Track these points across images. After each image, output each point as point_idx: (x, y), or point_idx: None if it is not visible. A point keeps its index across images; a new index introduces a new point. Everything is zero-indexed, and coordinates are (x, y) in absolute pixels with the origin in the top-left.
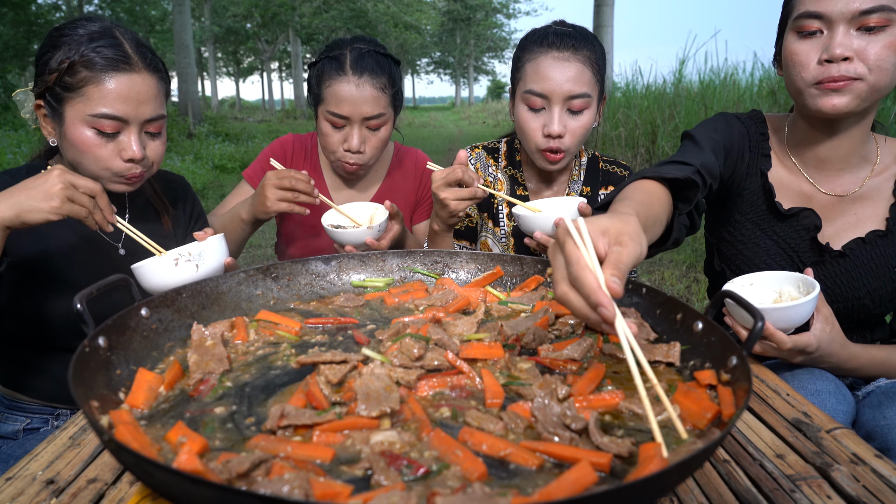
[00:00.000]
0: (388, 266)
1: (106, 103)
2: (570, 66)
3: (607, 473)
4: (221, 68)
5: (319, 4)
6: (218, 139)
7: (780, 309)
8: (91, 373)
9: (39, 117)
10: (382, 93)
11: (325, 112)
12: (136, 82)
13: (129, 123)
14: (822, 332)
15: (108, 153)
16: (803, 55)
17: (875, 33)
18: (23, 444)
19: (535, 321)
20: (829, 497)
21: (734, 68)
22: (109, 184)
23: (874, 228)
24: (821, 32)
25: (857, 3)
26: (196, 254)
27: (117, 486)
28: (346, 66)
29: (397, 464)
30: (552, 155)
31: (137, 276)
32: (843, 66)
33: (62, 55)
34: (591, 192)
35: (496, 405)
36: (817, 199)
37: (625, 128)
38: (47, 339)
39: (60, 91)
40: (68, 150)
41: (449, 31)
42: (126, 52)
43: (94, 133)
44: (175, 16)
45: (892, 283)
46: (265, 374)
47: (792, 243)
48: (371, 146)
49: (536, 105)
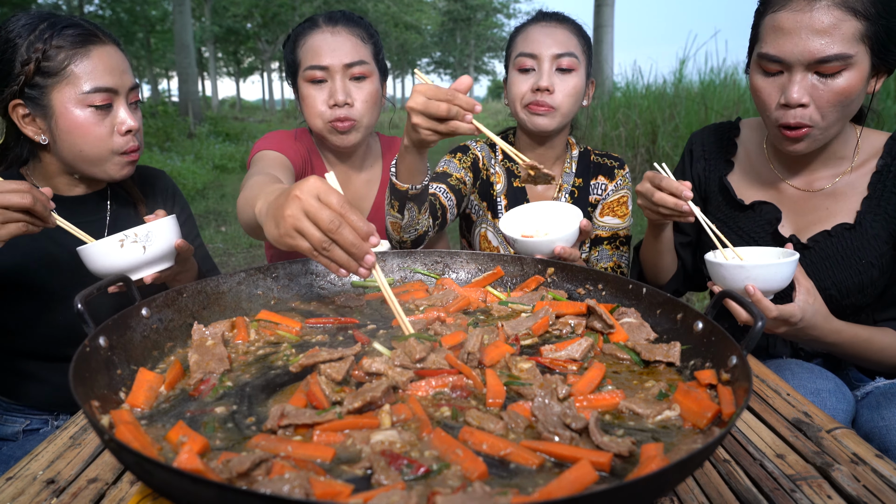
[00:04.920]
0: (389, 266)
1: (94, 77)
2: (557, 31)
3: (607, 473)
4: (222, 68)
5: (320, 4)
6: (218, 139)
7: (762, 267)
8: (92, 372)
9: (17, 120)
10: (361, 42)
11: (305, 72)
12: (111, 53)
13: (119, 94)
14: (806, 304)
15: (105, 131)
16: (765, 94)
17: (832, 77)
18: (23, 444)
19: (536, 321)
20: (830, 497)
21: (734, 68)
22: (112, 167)
23: (843, 222)
24: (780, 73)
25: (813, 52)
26: (143, 235)
27: (118, 486)
28: (320, 21)
29: (398, 463)
30: (536, 107)
31: (84, 258)
32: (798, 112)
33: (29, 46)
34: (582, 183)
35: (497, 405)
36: (789, 195)
37: (625, 128)
38: (38, 350)
39: (41, 80)
40: (65, 140)
41: (449, 31)
42: (88, 29)
43: (91, 111)
44: (175, 16)
45: (858, 275)
46: (265, 374)
47: (755, 236)
48: (359, 100)
49: (526, 66)
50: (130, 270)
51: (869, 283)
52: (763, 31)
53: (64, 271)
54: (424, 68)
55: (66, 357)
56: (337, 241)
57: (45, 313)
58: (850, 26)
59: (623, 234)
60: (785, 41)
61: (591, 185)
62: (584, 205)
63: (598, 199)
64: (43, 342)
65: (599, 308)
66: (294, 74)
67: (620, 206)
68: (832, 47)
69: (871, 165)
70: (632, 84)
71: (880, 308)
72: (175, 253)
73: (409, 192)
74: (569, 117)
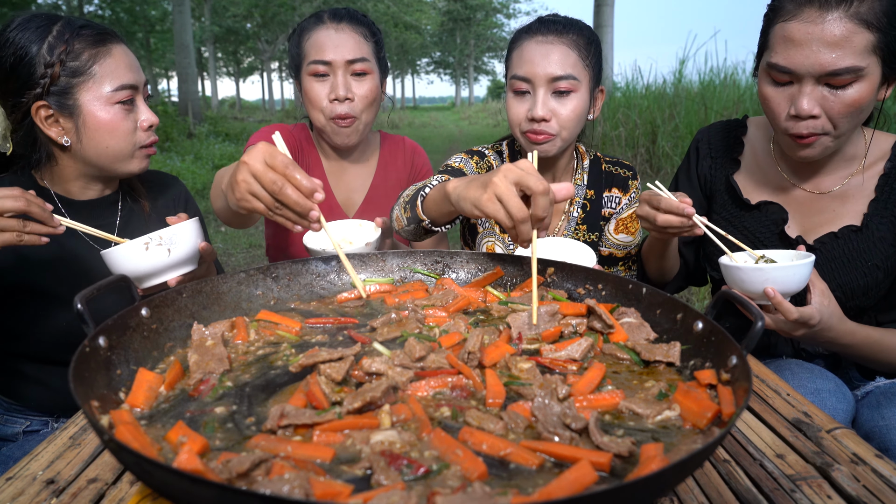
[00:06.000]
0: (389, 266)
1: (118, 75)
2: (555, 48)
3: (607, 473)
4: (221, 68)
5: (319, 4)
6: (218, 139)
7: (781, 268)
8: (91, 373)
9: (40, 123)
10: (364, 40)
11: (308, 66)
12: (126, 51)
13: (138, 90)
14: (822, 305)
15: (130, 127)
16: (775, 104)
17: (842, 89)
18: (23, 445)
19: (547, 328)
20: (830, 497)
21: (734, 68)
22: (133, 161)
23: (850, 224)
24: (790, 83)
25: (824, 65)
26: (167, 238)
27: (118, 486)
28: (325, 17)
29: (397, 463)
30: (534, 136)
31: (108, 262)
32: (809, 123)
33: (48, 50)
34: (594, 196)
35: (496, 405)
36: (795, 196)
37: (625, 128)
38: (39, 353)
39: (68, 79)
40: (92, 138)
41: (449, 31)
42: (102, 28)
43: (118, 108)
44: (175, 16)
45: (864, 277)
46: (265, 374)
47: (760, 236)
48: (359, 96)
49: (521, 89)
50: (155, 274)
51: (874, 286)
52: (773, 39)
53: (65, 274)
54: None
55: (66, 361)
56: (282, 200)
57: (45, 316)
58: (862, 38)
59: (635, 252)
60: (796, 52)
61: (605, 197)
62: (596, 218)
63: (612, 212)
64: (43, 345)
65: (599, 308)
66: (297, 68)
67: (633, 223)
68: (844, 60)
69: (879, 168)
70: (631, 84)
71: (884, 310)
72: (198, 256)
73: (422, 225)
74: (572, 138)
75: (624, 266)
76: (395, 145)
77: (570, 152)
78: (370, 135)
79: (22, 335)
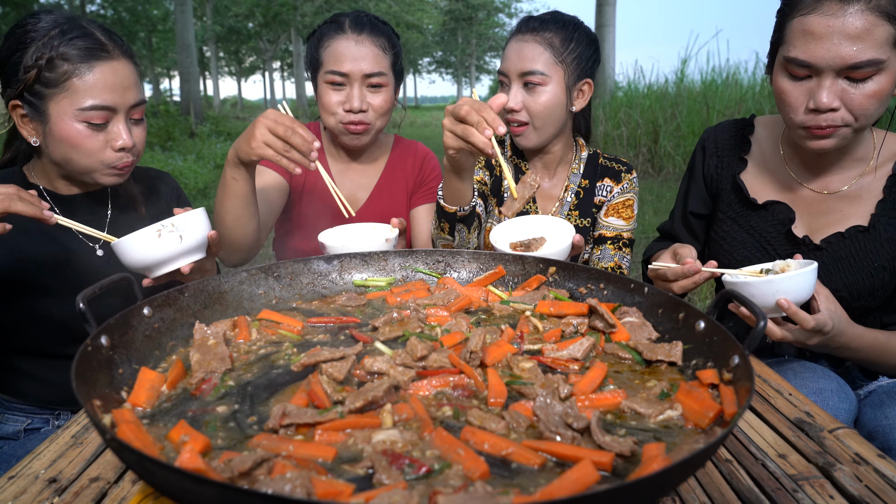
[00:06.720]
0: (391, 265)
1: (93, 94)
2: (528, 45)
3: (609, 472)
4: (223, 68)
5: (321, 4)
6: (220, 138)
7: (789, 278)
8: (93, 372)
9: (16, 119)
10: (382, 52)
11: (325, 74)
12: (117, 69)
13: (118, 112)
14: (830, 311)
15: (98, 144)
16: (792, 98)
17: (862, 82)
18: (24, 444)
19: (550, 329)
20: (832, 497)
21: (736, 68)
22: (101, 176)
23: (857, 224)
24: (808, 77)
25: (845, 58)
26: (179, 224)
27: (119, 485)
28: (346, 26)
29: (399, 463)
30: (512, 127)
31: (119, 252)
32: (828, 115)
33: (35, 52)
34: (588, 185)
35: (498, 404)
36: (803, 196)
37: (626, 127)
38: (35, 348)
39: (41, 88)
40: (56, 147)
41: (451, 31)
42: (100, 41)
43: (85, 126)
44: (177, 15)
45: (870, 278)
46: (267, 373)
47: (767, 236)
48: (373, 108)
49: (502, 81)
50: (168, 261)
51: (880, 286)
52: (790, 33)
53: (59, 268)
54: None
55: (64, 355)
56: (291, 142)
57: (40, 311)
58: (884, 31)
59: (626, 237)
60: (816, 46)
61: (598, 186)
62: (588, 205)
63: (603, 200)
64: (39, 340)
65: (601, 307)
66: (315, 71)
67: (626, 209)
68: (865, 53)
69: (888, 169)
70: (633, 83)
71: (889, 311)
72: (207, 243)
73: (458, 214)
74: (549, 129)
75: (613, 246)
76: (407, 150)
77: (562, 143)
78: (382, 136)
79: (15, 329)
